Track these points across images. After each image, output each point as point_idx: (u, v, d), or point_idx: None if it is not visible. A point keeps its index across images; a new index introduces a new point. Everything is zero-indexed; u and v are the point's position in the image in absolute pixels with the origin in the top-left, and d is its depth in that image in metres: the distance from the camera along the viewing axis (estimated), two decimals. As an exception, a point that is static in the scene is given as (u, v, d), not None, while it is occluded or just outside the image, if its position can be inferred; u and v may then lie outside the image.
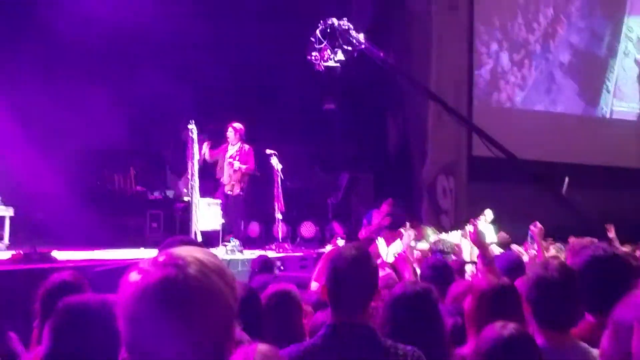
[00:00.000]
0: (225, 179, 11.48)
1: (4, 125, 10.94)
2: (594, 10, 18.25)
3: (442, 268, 5.52)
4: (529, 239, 8.49)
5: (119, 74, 13.61)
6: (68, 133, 13.46)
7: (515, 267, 5.48)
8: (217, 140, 12.26)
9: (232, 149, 11.55)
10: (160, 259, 1.61)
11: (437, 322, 3.59)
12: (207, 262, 1.63)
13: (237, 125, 11.65)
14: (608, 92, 18.31)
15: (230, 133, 11.56)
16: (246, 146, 11.63)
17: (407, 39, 15.90)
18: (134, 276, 1.59)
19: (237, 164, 11.42)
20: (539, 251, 6.94)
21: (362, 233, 11.53)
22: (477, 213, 11.11)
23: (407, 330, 3.37)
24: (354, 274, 3.08)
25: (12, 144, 11.87)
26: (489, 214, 11.55)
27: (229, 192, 11.44)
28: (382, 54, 10.28)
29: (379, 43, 14.19)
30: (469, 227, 5.61)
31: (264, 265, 7.54)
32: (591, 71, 18.21)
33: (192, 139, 10.79)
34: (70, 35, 12.76)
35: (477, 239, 5.36)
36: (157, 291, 1.55)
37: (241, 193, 11.51)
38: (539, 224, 7.09)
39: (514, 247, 9.63)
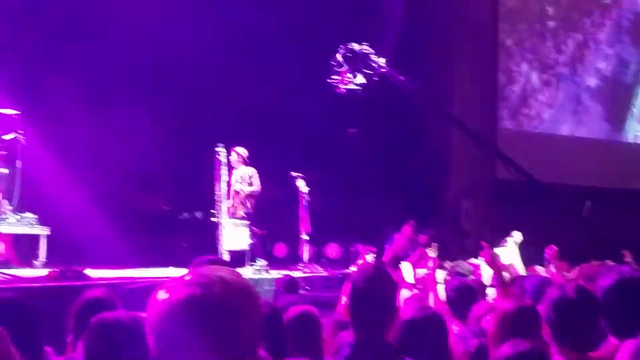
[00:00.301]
0: (228, 202, 11.40)
1: (39, 146, 11.27)
2: (622, 38, 18.37)
3: (466, 290, 5.58)
4: (545, 262, 8.63)
5: (150, 96, 13.93)
6: (101, 154, 13.85)
7: (543, 289, 5.51)
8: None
9: (236, 173, 11.54)
10: (187, 278, 1.65)
11: (445, 347, 3.68)
12: (232, 281, 1.66)
13: (240, 149, 11.61)
14: (633, 117, 18.37)
15: (233, 157, 11.49)
16: (250, 169, 11.60)
17: (433, 61, 16.06)
18: (161, 294, 1.64)
19: (238, 186, 11.40)
20: (556, 272, 6.98)
21: (386, 256, 11.60)
22: (500, 236, 11.15)
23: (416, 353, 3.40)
24: (373, 293, 3.13)
25: (47, 164, 12.23)
26: (517, 235, 11.59)
27: (232, 215, 11.34)
28: (402, 78, 10.38)
29: (405, 66, 14.52)
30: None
31: (289, 285, 7.70)
32: (617, 96, 18.28)
33: (220, 162, 11.09)
34: (106, 59, 13.19)
35: (491, 261, 5.43)
36: (182, 309, 1.60)
37: (245, 215, 11.41)
38: (553, 247, 7.19)
39: (537, 268, 9.72)
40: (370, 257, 7.33)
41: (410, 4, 15.58)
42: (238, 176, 11.50)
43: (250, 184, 11.49)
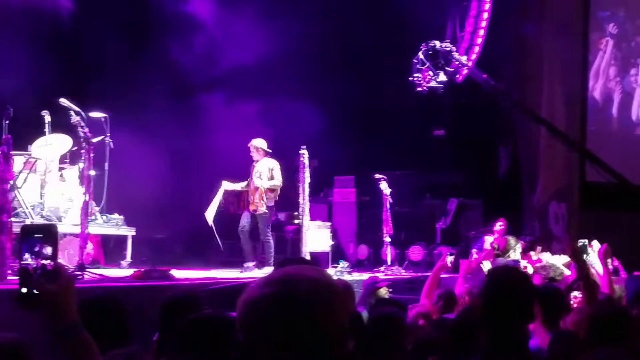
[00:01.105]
0: (250, 198, 10.89)
1: (126, 149, 11.49)
2: None
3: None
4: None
5: (233, 96, 14.07)
6: (186, 156, 14.06)
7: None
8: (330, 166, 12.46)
9: (256, 167, 10.92)
10: (274, 276, 1.71)
11: None
12: (319, 279, 1.69)
13: (257, 141, 10.97)
14: None
15: (252, 152, 10.95)
16: (272, 161, 10.96)
17: (519, 62, 15.75)
18: (250, 292, 1.69)
19: (258, 182, 10.75)
20: (604, 272, 6.76)
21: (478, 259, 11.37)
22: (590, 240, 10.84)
23: None
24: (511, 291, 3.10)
25: (135, 167, 12.47)
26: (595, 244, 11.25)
27: (253, 212, 10.80)
28: (485, 76, 10.25)
29: (491, 68, 14.28)
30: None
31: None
32: None
33: (304, 164, 11.07)
34: (195, 67, 13.44)
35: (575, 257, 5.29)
36: (269, 306, 1.63)
37: (267, 211, 10.76)
38: (605, 245, 6.99)
39: None
40: (450, 259, 7.19)
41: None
42: (258, 170, 10.87)
43: (272, 177, 10.85)
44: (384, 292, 6.46)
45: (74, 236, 9.18)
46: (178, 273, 8.68)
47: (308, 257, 10.53)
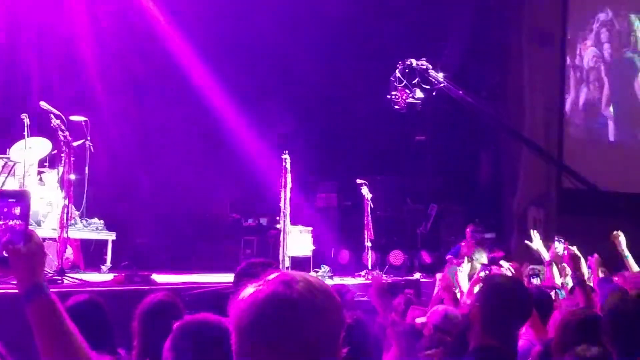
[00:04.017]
0: None
1: (105, 153, 11.45)
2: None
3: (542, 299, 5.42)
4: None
5: (214, 102, 14.06)
6: (167, 160, 14.03)
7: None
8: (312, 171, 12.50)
9: None
10: (271, 277, 1.69)
11: None
12: (315, 282, 1.69)
13: None
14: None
15: None
16: None
17: (500, 73, 15.92)
18: (245, 292, 1.68)
19: None
20: (594, 280, 6.86)
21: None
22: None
23: None
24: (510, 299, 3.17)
25: (114, 170, 12.43)
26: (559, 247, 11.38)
27: None
28: (461, 92, 10.48)
29: (473, 76, 14.40)
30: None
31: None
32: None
33: (285, 169, 11.06)
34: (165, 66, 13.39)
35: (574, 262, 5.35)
36: (266, 305, 1.63)
37: None
38: (596, 255, 7.11)
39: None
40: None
41: (478, 14, 15.47)
42: None
43: None
44: None
45: (53, 241, 9.11)
46: (159, 277, 8.64)
47: (288, 263, 10.54)
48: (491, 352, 3.07)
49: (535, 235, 8.20)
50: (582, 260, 6.16)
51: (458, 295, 6.55)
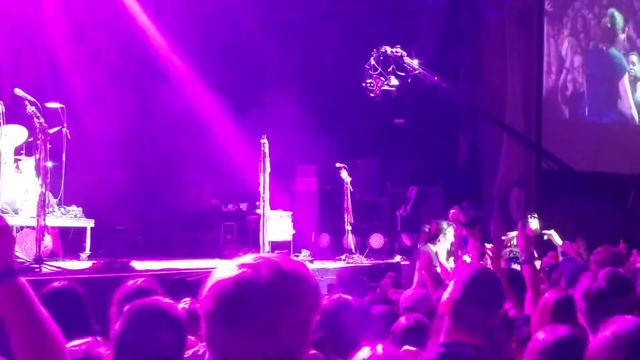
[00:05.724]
0: None
1: (82, 140, 11.37)
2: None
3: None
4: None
5: (194, 87, 13.99)
6: (146, 147, 13.96)
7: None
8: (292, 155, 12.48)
9: None
10: (241, 260, 1.65)
11: None
12: (286, 266, 1.64)
13: None
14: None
15: None
16: None
17: (479, 52, 15.96)
18: (213, 276, 1.65)
19: None
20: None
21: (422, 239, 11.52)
22: (546, 225, 11.05)
23: None
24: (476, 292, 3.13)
25: (92, 157, 12.34)
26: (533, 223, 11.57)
27: None
28: (436, 78, 10.55)
29: (450, 58, 14.43)
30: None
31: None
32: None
33: (264, 153, 11.02)
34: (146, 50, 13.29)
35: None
36: (232, 290, 1.59)
37: None
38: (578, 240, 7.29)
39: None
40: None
41: None
42: None
43: None
44: None
45: (31, 229, 9.04)
46: (139, 264, 8.60)
47: (268, 247, 10.52)
48: (461, 347, 3.06)
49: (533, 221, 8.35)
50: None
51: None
